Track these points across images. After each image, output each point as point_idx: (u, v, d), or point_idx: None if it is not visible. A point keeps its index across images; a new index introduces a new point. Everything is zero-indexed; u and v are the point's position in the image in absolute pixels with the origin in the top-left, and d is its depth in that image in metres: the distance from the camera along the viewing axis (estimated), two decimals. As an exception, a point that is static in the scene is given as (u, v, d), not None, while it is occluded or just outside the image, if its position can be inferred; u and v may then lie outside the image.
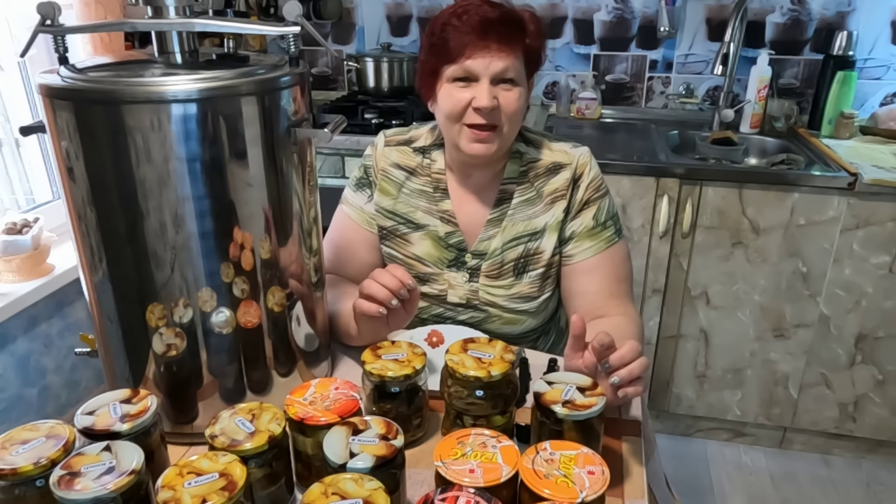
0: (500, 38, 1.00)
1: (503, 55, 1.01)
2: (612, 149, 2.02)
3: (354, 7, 2.45)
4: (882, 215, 1.75)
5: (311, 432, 0.76)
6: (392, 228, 1.17)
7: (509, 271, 1.13)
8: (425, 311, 1.19)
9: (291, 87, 0.81)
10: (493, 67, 1.01)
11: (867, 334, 1.89)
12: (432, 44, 1.05)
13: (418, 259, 1.16)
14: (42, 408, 1.58)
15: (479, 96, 1.01)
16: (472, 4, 1.02)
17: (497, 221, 1.13)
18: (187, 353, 0.84)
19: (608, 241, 1.12)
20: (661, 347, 2.04)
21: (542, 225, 1.12)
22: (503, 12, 1.02)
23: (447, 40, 1.02)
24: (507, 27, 1.01)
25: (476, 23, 1.00)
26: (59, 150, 0.77)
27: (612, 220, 1.14)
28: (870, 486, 1.98)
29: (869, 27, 2.14)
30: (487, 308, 1.15)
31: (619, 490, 0.79)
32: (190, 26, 0.81)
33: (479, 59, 1.01)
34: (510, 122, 1.04)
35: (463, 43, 1.01)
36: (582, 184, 1.12)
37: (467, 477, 0.67)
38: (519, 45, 1.03)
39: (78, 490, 0.62)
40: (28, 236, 1.47)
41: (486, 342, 0.88)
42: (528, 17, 1.05)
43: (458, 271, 1.15)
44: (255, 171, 0.80)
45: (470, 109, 1.03)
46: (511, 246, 1.13)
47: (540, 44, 1.06)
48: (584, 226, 1.12)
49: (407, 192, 1.16)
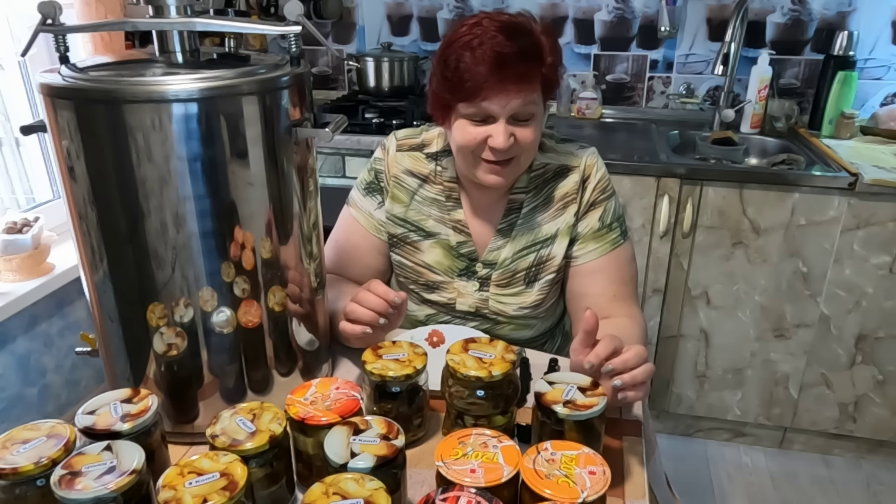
0: (518, 76, 0.95)
1: (521, 94, 0.96)
2: (612, 149, 2.01)
3: (355, 6, 2.45)
4: (882, 215, 1.75)
5: (312, 432, 0.75)
6: (402, 236, 1.15)
7: (520, 280, 1.12)
8: (433, 318, 1.18)
9: (292, 87, 0.81)
10: (510, 108, 0.97)
11: (867, 334, 1.89)
12: (446, 77, 0.99)
13: (428, 267, 1.15)
14: (42, 407, 1.58)
15: (496, 136, 0.97)
16: (487, 34, 0.95)
17: (506, 232, 1.12)
18: (188, 353, 0.84)
19: (613, 243, 1.11)
20: (662, 347, 2.04)
21: (554, 230, 1.11)
22: (520, 47, 0.95)
23: (462, 78, 0.96)
24: (524, 62, 0.95)
25: (491, 59, 0.94)
26: (59, 149, 0.77)
27: (618, 221, 1.13)
28: (870, 487, 1.98)
29: (869, 27, 2.14)
30: (496, 317, 1.15)
31: (620, 490, 0.79)
32: (191, 25, 0.81)
33: (495, 100, 0.96)
34: (526, 153, 1.03)
35: (478, 83, 0.95)
36: (589, 185, 1.11)
37: (468, 477, 0.67)
38: (537, 79, 0.98)
39: (79, 490, 0.62)
40: (28, 235, 1.47)
41: (487, 342, 0.88)
42: (546, 44, 0.98)
43: (469, 280, 1.14)
44: (256, 171, 0.80)
45: (486, 146, 1.00)
46: (522, 255, 1.12)
47: (557, 67, 1.01)
48: (590, 227, 1.11)
49: (419, 200, 1.14)
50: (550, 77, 1.01)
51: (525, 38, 0.97)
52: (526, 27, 0.99)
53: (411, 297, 1.19)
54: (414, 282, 1.17)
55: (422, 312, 1.19)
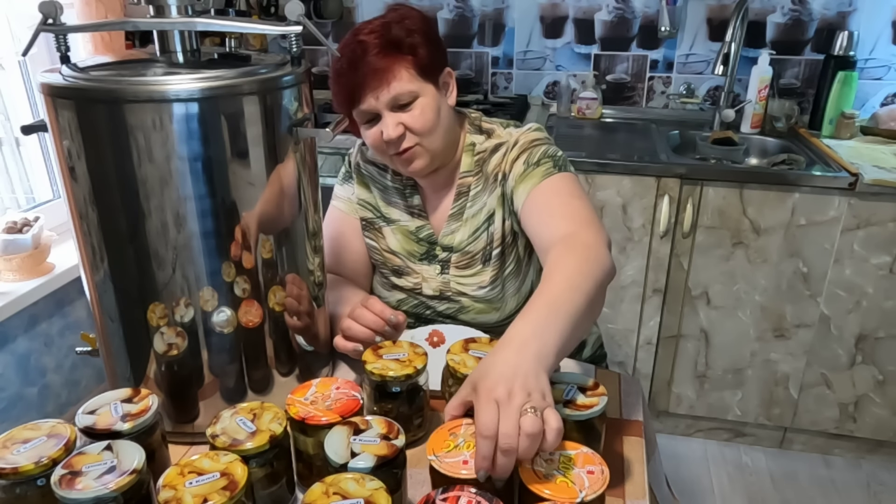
0: (377, 72, 1.01)
1: (385, 85, 1.01)
2: (612, 149, 2.02)
3: (355, 6, 2.45)
4: (883, 215, 1.75)
5: (313, 432, 0.75)
6: (371, 220, 1.21)
7: (478, 261, 1.14)
8: (403, 303, 1.21)
9: (293, 87, 0.81)
10: (383, 100, 1.02)
11: (867, 335, 1.89)
12: (334, 94, 1.07)
13: (392, 252, 1.19)
14: (42, 407, 1.58)
15: (385, 129, 1.03)
16: (349, 45, 1.03)
17: (458, 215, 1.14)
18: (188, 353, 0.84)
19: (543, 175, 1.03)
20: (662, 347, 2.04)
21: (493, 205, 1.12)
22: (373, 43, 1.01)
23: (340, 91, 1.05)
24: (381, 57, 1.01)
25: (354, 65, 1.01)
26: (60, 149, 0.77)
27: (549, 158, 1.06)
28: (870, 487, 1.98)
29: (870, 27, 2.14)
30: (459, 298, 1.16)
31: (621, 490, 0.79)
32: (192, 25, 0.81)
33: (368, 100, 1.02)
34: (426, 136, 1.05)
35: (350, 90, 1.03)
36: (515, 148, 1.09)
37: (463, 469, 0.66)
38: (401, 66, 1.02)
39: (79, 489, 0.62)
40: (28, 235, 1.47)
41: (487, 342, 0.88)
42: (402, 33, 1.02)
43: (430, 264, 1.17)
44: (257, 171, 0.80)
45: None
46: (476, 236, 1.14)
47: (427, 47, 1.04)
48: (517, 174, 1.06)
49: (380, 188, 1.20)
50: (422, 55, 1.03)
51: (381, 37, 1.02)
52: (376, 25, 1.04)
53: (383, 283, 1.23)
54: (383, 265, 1.21)
55: (393, 297, 1.22)
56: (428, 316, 1.20)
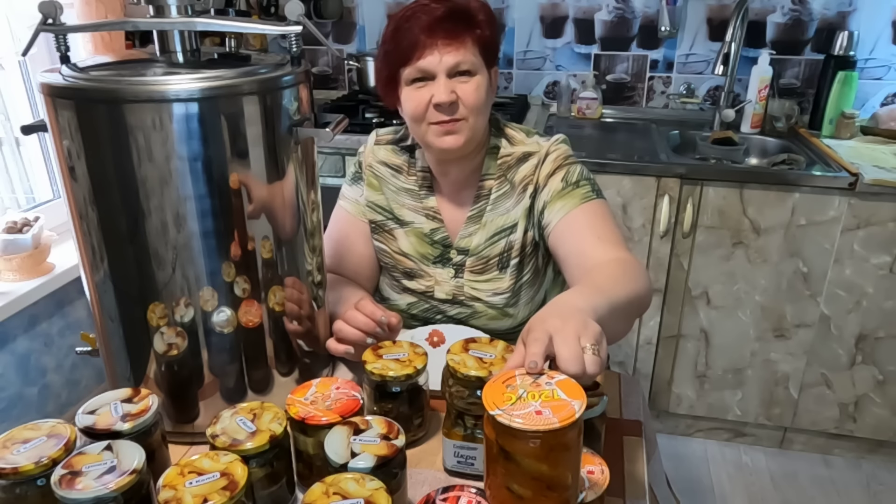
0: (448, 33, 1.01)
1: (454, 49, 1.01)
2: (612, 149, 2.01)
3: (355, 6, 2.45)
4: (883, 215, 1.75)
5: (313, 432, 0.76)
6: (381, 223, 1.19)
7: (494, 267, 1.13)
8: (414, 306, 1.19)
9: (293, 87, 0.81)
10: (445, 62, 1.01)
11: (867, 334, 1.89)
12: (386, 51, 1.06)
13: (404, 255, 1.18)
14: (42, 407, 1.58)
15: (437, 92, 1.02)
16: (419, 5, 1.03)
17: (476, 218, 1.14)
18: (188, 353, 0.84)
19: (583, 198, 1.06)
20: (662, 347, 2.04)
21: (518, 215, 1.11)
22: (448, 7, 1.02)
23: (399, 44, 1.03)
24: (454, 21, 1.02)
25: (424, 22, 1.01)
26: (60, 149, 0.77)
27: (587, 181, 1.08)
28: (870, 487, 1.98)
29: (870, 27, 2.14)
30: (473, 303, 1.15)
31: (621, 490, 0.79)
32: (191, 25, 0.81)
33: (430, 57, 1.01)
34: (473, 113, 1.04)
35: (413, 44, 1.02)
36: (547, 161, 1.10)
37: (537, 420, 0.59)
38: (469, 37, 1.03)
39: (79, 489, 0.62)
40: (28, 235, 1.47)
41: (487, 342, 0.88)
42: (475, 6, 1.04)
43: (444, 267, 1.16)
44: (257, 171, 0.80)
45: (431, 108, 1.03)
46: (493, 241, 1.13)
47: (492, 31, 1.06)
48: (554, 190, 1.07)
49: (393, 189, 1.18)
50: (486, 36, 1.05)
51: (456, 4, 1.03)
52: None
53: (392, 286, 1.22)
54: (394, 268, 1.20)
55: (403, 301, 1.21)
56: (438, 321, 1.18)
